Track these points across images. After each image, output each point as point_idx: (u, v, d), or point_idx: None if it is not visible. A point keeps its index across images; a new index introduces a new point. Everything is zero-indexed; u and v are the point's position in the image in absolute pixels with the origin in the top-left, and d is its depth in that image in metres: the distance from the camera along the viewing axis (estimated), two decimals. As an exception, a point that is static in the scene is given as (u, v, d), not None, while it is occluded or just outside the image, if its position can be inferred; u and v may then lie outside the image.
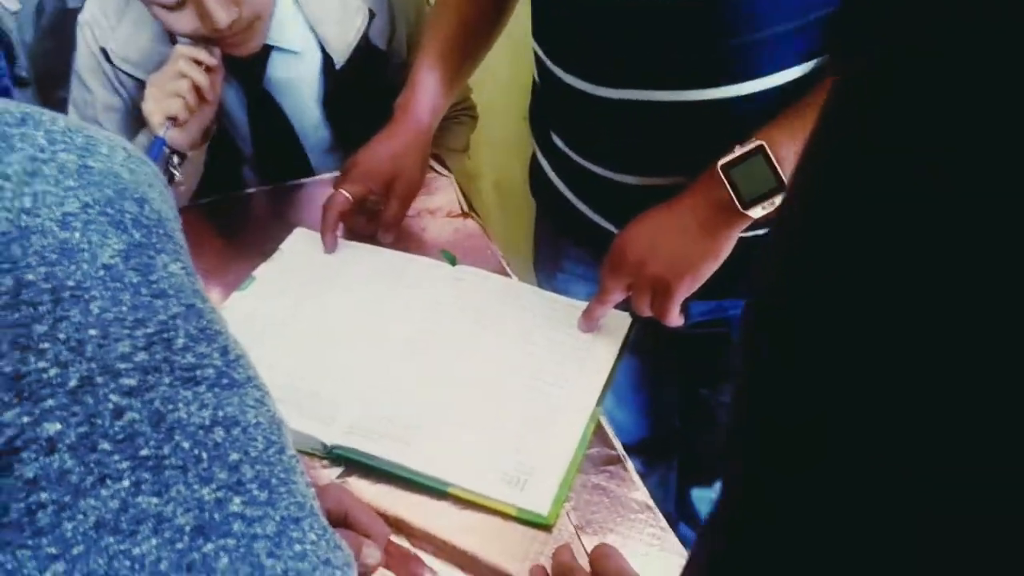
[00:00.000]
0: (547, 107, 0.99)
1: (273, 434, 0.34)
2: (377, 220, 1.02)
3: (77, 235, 0.31)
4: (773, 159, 0.73)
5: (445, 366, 0.87)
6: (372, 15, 1.16)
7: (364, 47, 1.17)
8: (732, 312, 0.95)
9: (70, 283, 0.30)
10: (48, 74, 1.53)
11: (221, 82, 1.06)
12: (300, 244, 1.04)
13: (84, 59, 1.14)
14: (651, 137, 0.85)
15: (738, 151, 0.75)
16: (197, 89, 1.01)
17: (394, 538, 0.72)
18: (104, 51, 1.12)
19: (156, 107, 1.01)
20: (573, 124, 0.94)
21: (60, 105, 1.34)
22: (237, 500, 0.31)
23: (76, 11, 1.17)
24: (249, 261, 1.01)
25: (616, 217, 0.93)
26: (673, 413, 1.26)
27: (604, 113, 0.86)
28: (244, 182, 1.24)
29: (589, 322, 0.88)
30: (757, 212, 0.75)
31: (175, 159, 1.04)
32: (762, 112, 0.78)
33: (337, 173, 1.10)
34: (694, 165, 0.81)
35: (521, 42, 1.04)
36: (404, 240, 1.05)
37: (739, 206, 0.75)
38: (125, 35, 1.11)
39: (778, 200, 0.73)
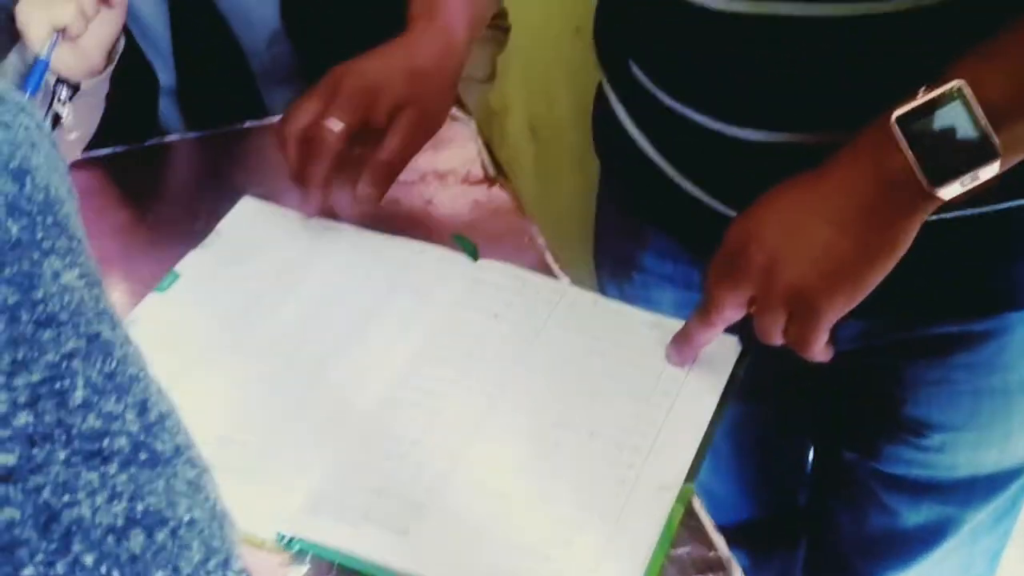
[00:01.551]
0: (623, 20, 1.00)
1: (214, 537, 0.35)
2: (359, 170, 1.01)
3: None
4: (978, 108, 0.72)
5: (461, 418, 0.88)
6: None
7: None
8: (899, 336, 0.96)
9: None
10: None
11: None
12: (247, 222, 1.05)
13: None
14: (787, 72, 0.86)
15: (923, 96, 0.73)
16: None
17: None
18: None
19: (38, 13, 1.02)
20: (665, 49, 0.95)
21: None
22: None
23: None
24: (170, 246, 1.02)
25: (727, 190, 0.94)
26: (799, 485, 1.28)
27: (716, 33, 0.87)
28: (162, 126, 1.25)
29: (684, 351, 0.89)
30: (953, 190, 0.74)
31: (63, 92, 1.05)
32: (944, 38, 0.77)
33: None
34: (851, 116, 0.80)
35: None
36: (399, 217, 1.06)
37: (924, 182, 0.74)
38: None
39: (987, 171, 0.72)
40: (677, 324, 0.90)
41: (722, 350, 0.90)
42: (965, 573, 1.15)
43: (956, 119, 0.73)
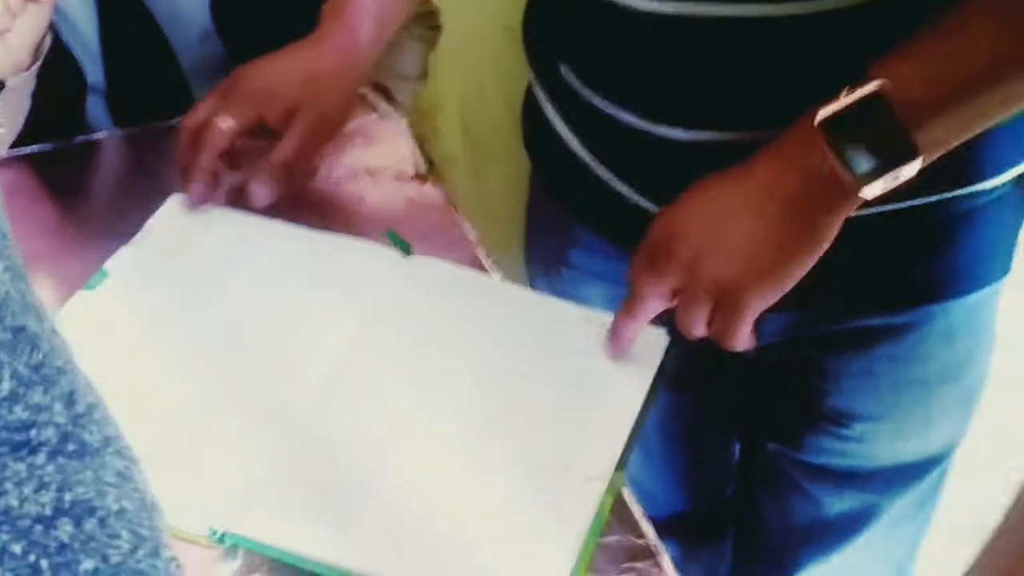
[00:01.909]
0: (552, 20, 1.01)
1: (143, 526, 0.35)
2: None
3: None
4: (899, 108, 0.74)
5: (392, 410, 0.88)
6: None
7: None
8: (822, 329, 0.97)
9: None
10: None
11: None
12: (176, 219, 1.05)
13: None
14: (711, 71, 0.87)
15: (846, 98, 0.75)
16: None
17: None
18: None
19: None
20: (593, 48, 0.95)
21: None
22: None
23: None
24: (99, 244, 1.01)
25: (654, 188, 0.95)
26: (727, 477, 1.29)
27: (640, 33, 0.88)
28: (89, 122, 1.25)
29: (614, 344, 0.90)
30: (875, 190, 0.75)
31: None
32: (870, 35, 0.79)
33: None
34: (774, 115, 0.82)
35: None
36: (331, 214, 1.07)
37: (847, 181, 0.75)
38: None
39: (908, 170, 0.74)
40: (606, 317, 0.91)
41: (650, 341, 0.91)
42: (887, 559, 1.17)
43: (877, 120, 0.74)
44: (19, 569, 0.30)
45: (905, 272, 0.94)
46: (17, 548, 0.30)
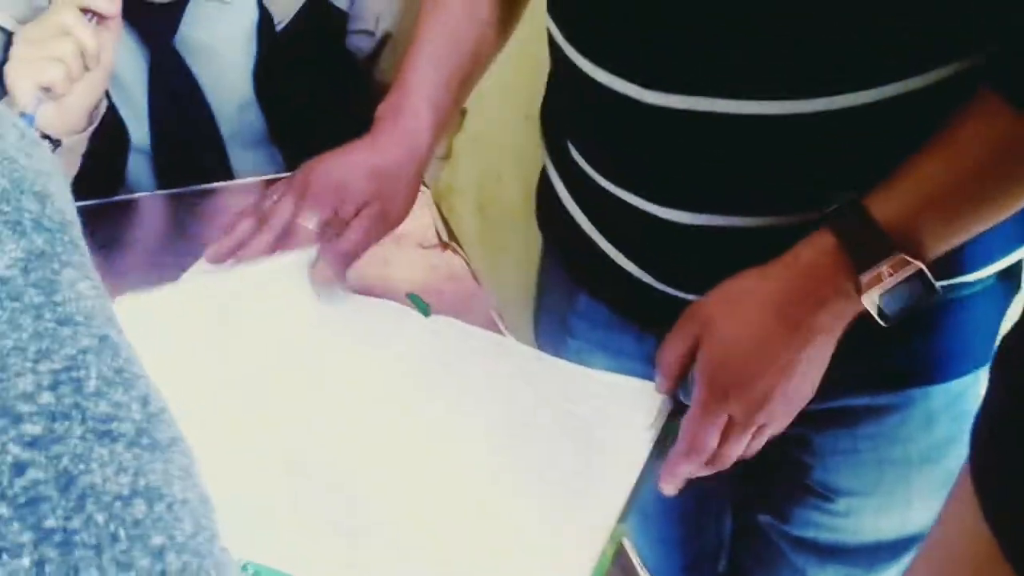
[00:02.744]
0: (564, 108, 1.04)
1: (203, 516, 0.37)
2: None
3: None
4: (932, 280, 0.80)
5: (409, 459, 0.90)
6: None
7: (317, 3, 1.23)
8: (810, 407, 0.98)
9: None
10: None
11: (117, 39, 1.10)
12: (208, 278, 1.06)
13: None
14: (714, 161, 0.89)
15: (889, 278, 0.80)
16: (83, 52, 1.05)
17: None
18: None
19: (25, 72, 1.05)
20: (601, 136, 0.98)
21: None
22: None
23: None
24: (136, 293, 1.01)
25: (657, 267, 0.97)
26: (719, 549, 1.29)
27: (646, 125, 0.90)
28: (131, 183, 1.28)
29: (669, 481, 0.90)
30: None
31: (46, 145, 1.07)
32: (867, 132, 0.84)
33: (270, 178, 1.12)
34: (774, 202, 0.86)
35: (531, 15, 1.08)
36: (359, 278, 1.08)
37: (880, 322, 0.82)
38: None
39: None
40: (611, 378, 0.94)
41: (654, 406, 0.92)
42: None
43: (914, 288, 0.80)
44: (101, 536, 0.31)
45: (889, 356, 0.94)
46: (100, 518, 0.31)
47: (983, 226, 0.83)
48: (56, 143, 1.09)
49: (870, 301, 0.81)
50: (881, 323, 0.81)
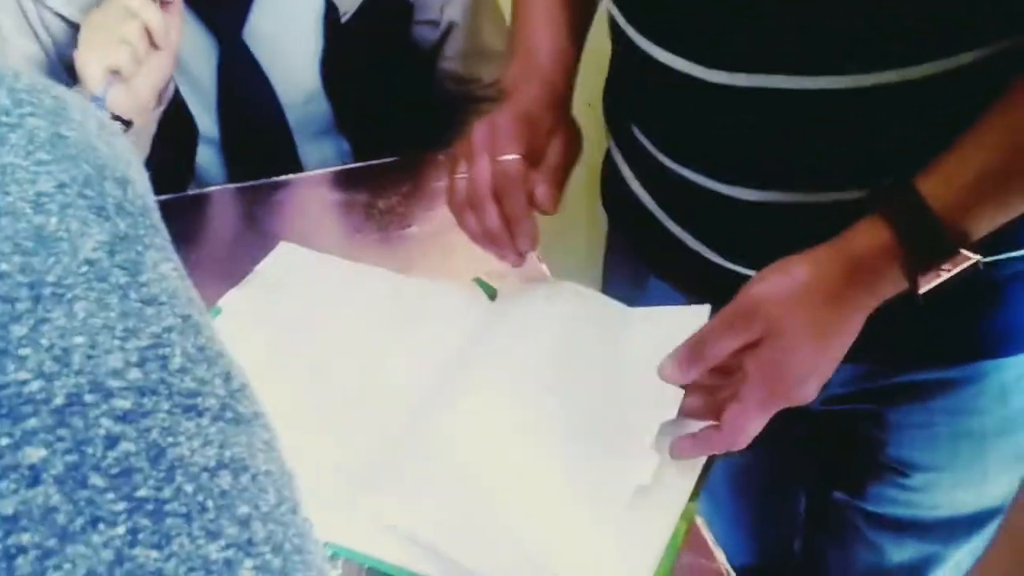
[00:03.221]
0: (628, 91, 1.04)
1: (285, 487, 0.38)
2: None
3: (54, 220, 0.34)
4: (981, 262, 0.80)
5: (481, 435, 0.90)
6: None
7: None
8: (881, 382, 0.98)
9: (50, 279, 0.33)
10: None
11: (181, 21, 1.11)
12: (284, 265, 1.09)
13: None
14: (778, 138, 0.89)
15: (946, 273, 0.80)
16: (149, 33, 1.07)
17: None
18: None
19: (94, 56, 1.07)
20: (665, 117, 0.98)
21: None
22: (248, 564, 0.34)
23: None
24: (213, 286, 1.05)
25: (723, 243, 0.98)
26: (794, 531, 1.28)
27: (711, 104, 0.90)
28: (201, 175, 1.30)
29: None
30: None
31: (117, 126, 1.08)
32: (929, 106, 0.83)
33: (339, 168, 1.13)
34: (842, 177, 0.86)
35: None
36: (423, 263, 1.10)
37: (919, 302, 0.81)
38: None
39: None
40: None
41: None
42: None
43: (964, 273, 0.80)
44: (191, 505, 0.32)
45: (960, 329, 0.94)
46: (189, 488, 0.32)
47: None
48: (127, 124, 1.10)
49: (924, 290, 0.80)
50: (920, 306, 0.80)
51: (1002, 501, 1.08)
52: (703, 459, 0.89)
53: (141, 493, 0.32)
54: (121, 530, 0.31)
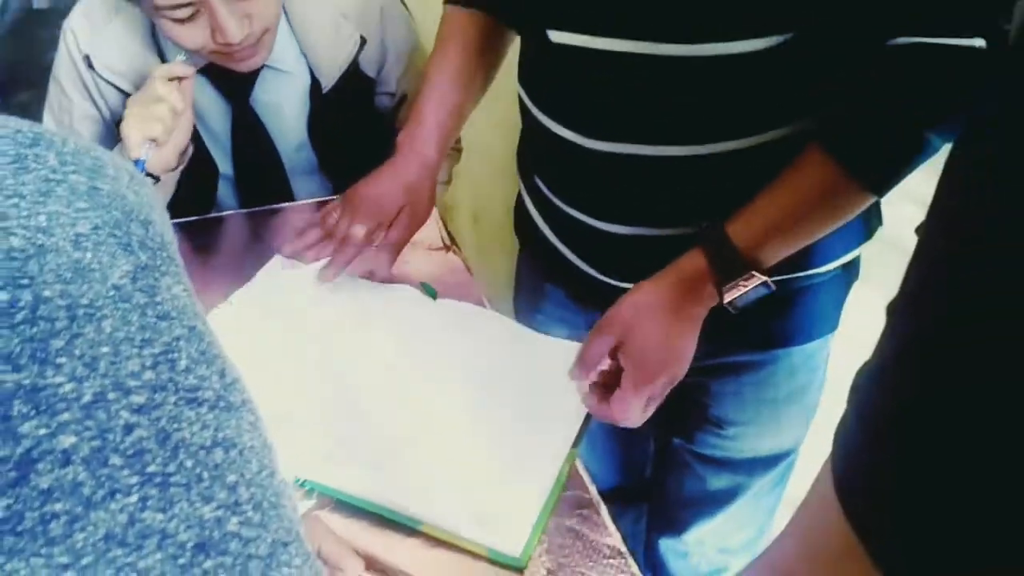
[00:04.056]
0: (530, 150, 1.03)
1: (265, 458, 0.37)
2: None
3: (89, 255, 0.33)
4: (772, 285, 0.80)
5: (422, 401, 0.90)
6: (363, 42, 1.20)
7: (353, 72, 1.21)
8: (708, 362, 0.98)
9: (84, 301, 0.32)
10: (11, 76, 1.54)
11: (192, 89, 1.08)
12: (278, 272, 1.07)
13: (64, 64, 1.17)
14: (639, 190, 0.89)
15: (743, 288, 0.81)
16: (174, 111, 1.05)
17: (365, 574, 0.74)
18: (87, 58, 1.14)
19: (136, 128, 1.04)
20: (557, 172, 0.97)
21: (22, 109, 1.35)
22: (234, 520, 0.33)
23: (41, 12, 1.19)
24: (227, 285, 1.03)
25: (601, 263, 0.97)
26: (645, 462, 1.29)
27: (590, 164, 0.89)
28: (220, 202, 1.27)
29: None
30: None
31: (150, 184, 1.05)
32: (744, 167, 0.83)
33: (320, 200, 1.11)
34: (684, 216, 0.86)
35: (513, 78, 1.08)
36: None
37: (731, 311, 0.82)
38: (110, 43, 1.14)
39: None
40: (566, 343, 0.93)
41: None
42: (751, 522, 1.17)
43: (759, 291, 0.80)
44: (190, 477, 0.31)
45: (763, 326, 0.95)
46: (189, 463, 0.31)
47: (814, 240, 0.83)
48: (156, 179, 1.08)
49: (728, 301, 0.81)
50: (732, 312, 0.81)
51: (791, 447, 1.10)
52: (582, 416, 0.89)
53: (151, 469, 0.31)
54: (134, 499, 0.30)
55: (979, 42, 0.70)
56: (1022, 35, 0.39)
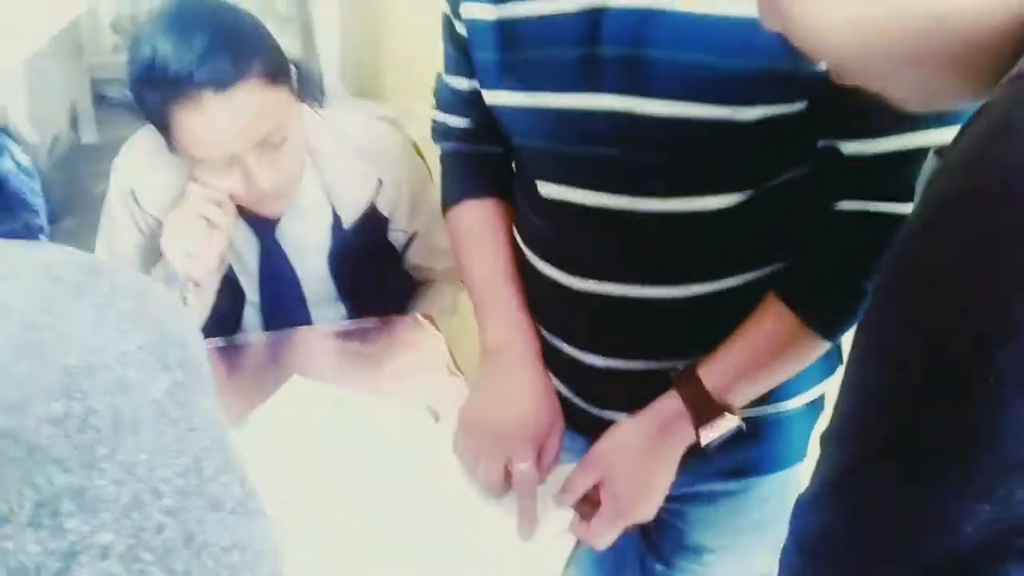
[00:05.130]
0: (528, 290, 1.04)
1: (276, 562, 0.40)
2: None
3: (132, 372, 0.37)
4: (743, 425, 0.84)
5: (420, 518, 0.91)
6: (380, 184, 1.27)
7: (371, 211, 1.28)
8: (685, 491, 0.99)
9: (127, 413, 0.36)
10: (60, 203, 1.62)
11: (234, 215, 1.15)
12: (294, 391, 1.10)
13: (114, 197, 1.25)
14: (618, 326, 0.91)
15: (716, 427, 0.84)
16: (211, 224, 1.11)
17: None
18: (132, 192, 1.23)
19: (175, 244, 1.11)
20: (543, 306, 0.99)
21: (69, 234, 1.41)
22: None
23: (90, 147, 1.26)
24: (249, 399, 1.05)
25: (582, 392, 0.99)
26: None
27: (572, 300, 0.92)
28: (245, 324, 1.32)
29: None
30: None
31: (190, 285, 1.13)
32: (728, 307, 0.86)
33: (336, 324, 1.15)
34: (660, 352, 0.89)
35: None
36: (391, 388, 1.12)
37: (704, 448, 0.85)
38: (154, 180, 1.22)
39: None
40: (564, 469, 0.93)
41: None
42: None
43: (731, 429, 0.84)
44: (210, 574, 0.34)
45: (736, 457, 0.95)
46: (210, 563, 0.34)
47: (781, 380, 0.86)
48: (196, 283, 1.12)
49: (704, 441, 0.84)
50: (704, 449, 0.84)
51: (765, 573, 1.08)
52: (573, 542, 0.90)
53: (177, 567, 0.33)
54: None
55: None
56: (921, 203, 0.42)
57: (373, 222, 1.28)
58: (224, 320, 1.25)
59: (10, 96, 1.35)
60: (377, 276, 1.34)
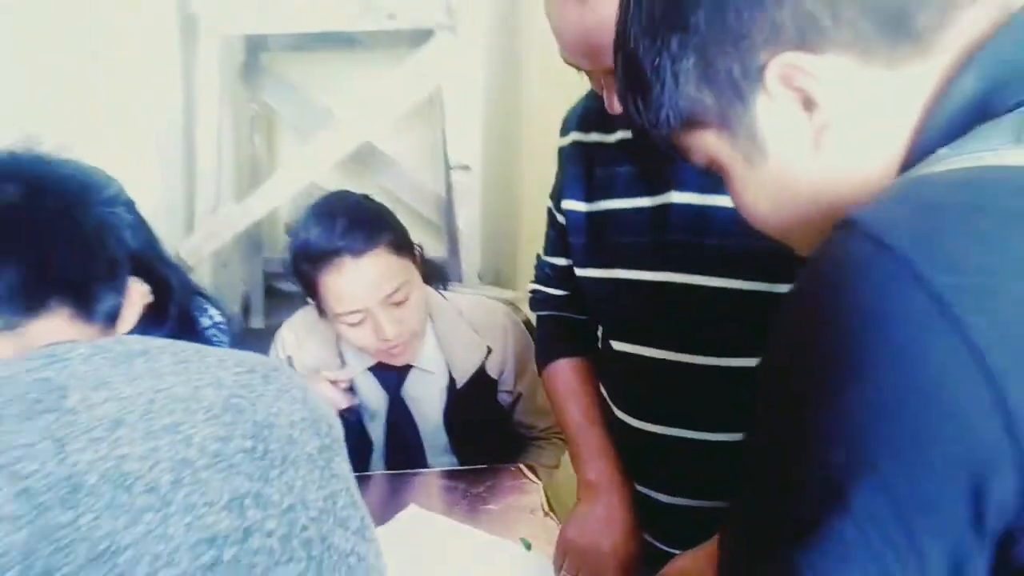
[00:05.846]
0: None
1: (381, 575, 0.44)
2: None
3: (297, 433, 0.41)
4: None
5: None
6: (489, 350, 1.42)
7: (480, 373, 1.41)
8: None
9: (291, 456, 0.39)
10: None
11: (353, 396, 1.31)
12: (410, 518, 1.19)
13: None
14: (683, 466, 0.96)
15: None
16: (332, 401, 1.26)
17: None
18: (289, 358, 1.42)
19: (319, 388, 1.25)
20: (629, 453, 1.06)
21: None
22: None
23: (255, 331, 1.42)
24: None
25: (658, 533, 1.04)
26: None
27: (643, 443, 0.99)
28: (372, 466, 1.43)
29: None
30: None
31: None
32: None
33: (447, 468, 1.24)
34: (717, 492, 0.93)
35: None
36: (495, 526, 1.18)
37: None
38: (307, 350, 1.41)
39: None
40: None
41: None
42: None
43: None
44: (335, 566, 0.37)
45: None
46: (335, 557, 0.37)
47: None
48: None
49: None
50: None
51: None
52: None
53: (314, 553, 0.38)
54: (302, 566, 0.37)
55: None
56: None
57: (483, 384, 1.39)
58: (354, 462, 1.34)
59: (199, 280, 1.60)
60: (485, 431, 1.43)
